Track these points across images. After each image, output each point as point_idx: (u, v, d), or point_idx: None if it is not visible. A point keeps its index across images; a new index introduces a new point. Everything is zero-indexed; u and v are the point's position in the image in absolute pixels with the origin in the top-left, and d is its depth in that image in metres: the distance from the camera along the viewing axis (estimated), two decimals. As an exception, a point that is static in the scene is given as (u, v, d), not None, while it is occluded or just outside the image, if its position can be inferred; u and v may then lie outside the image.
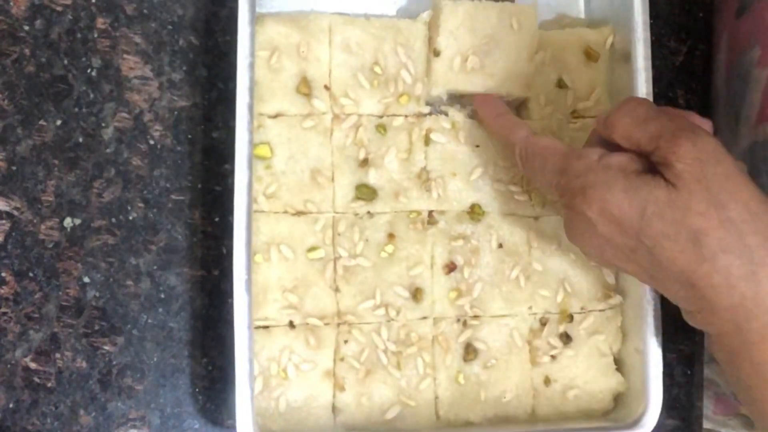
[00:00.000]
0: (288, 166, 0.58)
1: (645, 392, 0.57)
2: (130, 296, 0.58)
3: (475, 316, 0.59)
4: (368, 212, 0.58)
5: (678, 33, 0.67)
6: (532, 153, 0.53)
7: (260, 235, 0.57)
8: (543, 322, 0.60)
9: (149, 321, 0.58)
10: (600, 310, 0.61)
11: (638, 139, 0.47)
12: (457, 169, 0.60)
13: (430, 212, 0.59)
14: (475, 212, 0.60)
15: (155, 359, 0.58)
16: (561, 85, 0.61)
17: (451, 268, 0.59)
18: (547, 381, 0.60)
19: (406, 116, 0.59)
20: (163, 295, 0.59)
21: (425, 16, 0.60)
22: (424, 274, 0.59)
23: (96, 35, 0.59)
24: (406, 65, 0.59)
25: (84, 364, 0.57)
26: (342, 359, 0.57)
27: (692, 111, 0.61)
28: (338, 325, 0.57)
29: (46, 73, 0.58)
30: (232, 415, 0.59)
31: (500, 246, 0.60)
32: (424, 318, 0.59)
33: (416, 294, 0.58)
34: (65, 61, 0.58)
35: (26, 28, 0.58)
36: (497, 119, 0.57)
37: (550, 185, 0.51)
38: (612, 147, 0.49)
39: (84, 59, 0.59)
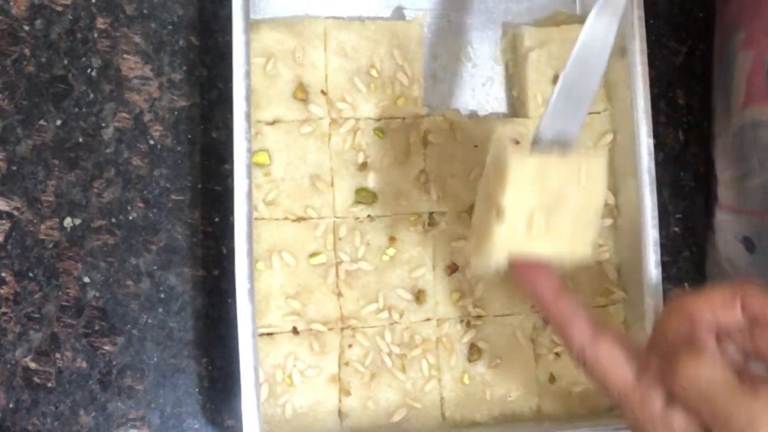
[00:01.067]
0: (287, 173, 0.58)
1: None
2: (130, 296, 0.58)
3: (478, 317, 0.59)
4: (369, 216, 0.58)
5: (678, 33, 0.67)
6: (590, 371, 0.46)
7: (261, 243, 0.57)
8: (546, 320, 0.60)
9: (149, 321, 0.58)
10: (602, 306, 0.61)
11: (699, 412, 0.41)
12: (456, 169, 0.60)
13: (431, 214, 0.59)
14: (475, 210, 0.60)
15: (155, 359, 0.58)
16: (557, 81, 0.61)
17: (453, 269, 0.59)
18: (551, 378, 0.60)
19: (403, 118, 0.59)
20: (163, 295, 0.59)
21: (420, 17, 0.60)
22: (426, 276, 0.59)
23: (96, 35, 0.59)
24: (403, 67, 0.59)
25: (84, 364, 0.57)
26: (347, 364, 0.57)
27: (692, 112, 0.62)
28: (342, 329, 0.57)
29: (46, 73, 0.58)
30: (232, 415, 0.59)
31: None
32: (428, 320, 0.59)
33: (419, 296, 0.58)
34: (65, 61, 0.58)
35: (26, 28, 0.58)
36: (556, 302, 0.48)
37: (611, 399, 0.45)
38: None
39: (84, 59, 0.59)
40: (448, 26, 0.64)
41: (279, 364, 0.56)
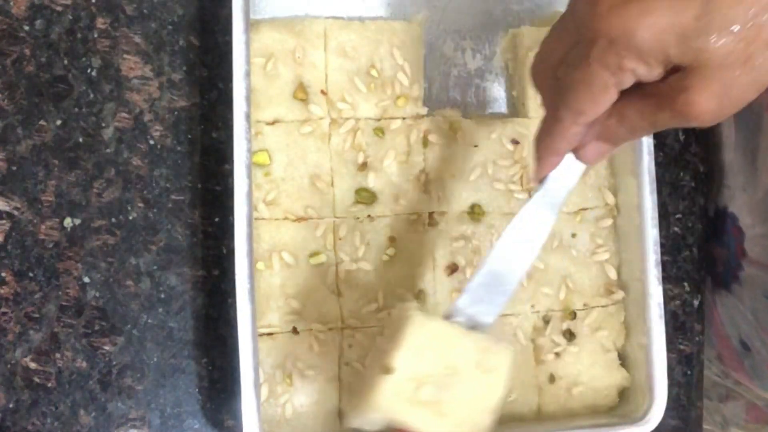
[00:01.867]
0: (287, 173, 0.58)
1: (650, 387, 0.58)
2: (130, 296, 0.58)
3: None
4: (368, 216, 0.59)
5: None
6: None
7: (261, 243, 0.57)
8: (546, 320, 0.60)
9: (149, 321, 0.58)
10: (602, 306, 0.61)
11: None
12: (456, 169, 0.60)
13: (431, 214, 0.59)
14: (475, 212, 0.60)
15: (155, 359, 0.58)
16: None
17: (453, 269, 0.59)
18: (551, 378, 0.60)
19: (403, 118, 0.59)
20: (163, 295, 0.59)
21: (420, 17, 0.60)
22: (426, 275, 0.59)
23: (96, 35, 0.59)
24: (403, 67, 0.59)
25: (84, 364, 0.57)
26: (347, 364, 0.57)
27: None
28: (342, 329, 0.57)
29: (46, 73, 0.58)
30: (232, 415, 0.59)
31: None
32: None
33: (419, 296, 0.58)
34: (65, 61, 0.58)
35: (26, 28, 0.58)
36: None
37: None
38: None
39: (84, 59, 0.59)
40: (448, 26, 0.64)
41: (279, 364, 0.56)
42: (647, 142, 0.58)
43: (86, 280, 0.58)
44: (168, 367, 0.58)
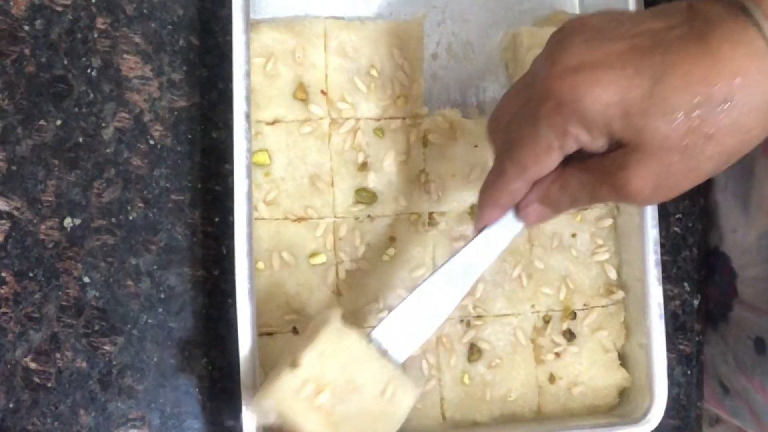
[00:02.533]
0: (287, 173, 0.58)
1: (650, 387, 0.58)
2: (130, 296, 0.58)
3: (479, 316, 0.59)
4: (369, 216, 0.59)
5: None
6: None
7: (261, 243, 0.57)
8: (546, 320, 0.60)
9: (149, 321, 0.58)
10: (603, 306, 0.61)
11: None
12: (456, 169, 0.60)
13: (431, 214, 0.59)
14: (475, 212, 0.60)
15: (155, 359, 0.58)
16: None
17: None
18: (551, 379, 0.60)
19: (403, 118, 0.59)
20: (163, 295, 0.59)
21: (420, 17, 0.60)
22: (426, 275, 0.59)
23: (96, 35, 0.59)
24: (403, 67, 0.59)
25: (84, 364, 0.57)
26: None
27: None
28: None
29: (46, 73, 0.58)
30: (232, 415, 0.59)
31: None
32: None
33: None
34: (65, 61, 0.58)
35: (26, 28, 0.58)
36: None
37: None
38: None
39: (84, 59, 0.59)
40: (448, 26, 0.64)
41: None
42: None
43: (86, 280, 0.58)
44: (168, 367, 0.58)
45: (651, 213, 0.58)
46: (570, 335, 0.61)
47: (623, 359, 0.62)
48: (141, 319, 0.58)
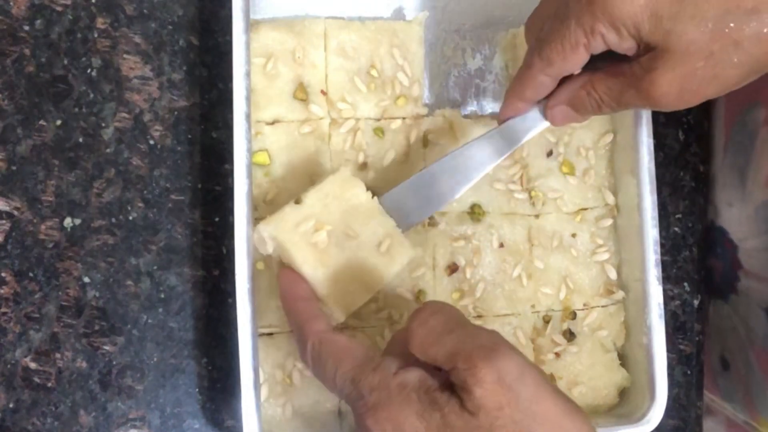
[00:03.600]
0: (287, 172, 0.58)
1: (650, 387, 0.58)
2: (130, 296, 0.58)
3: (479, 316, 0.59)
4: None
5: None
6: (327, 352, 0.46)
7: None
8: (546, 320, 0.60)
9: (149, 321, 0.58)
10: (602, 306, 0.61)
11: (434, 355, 0.43)
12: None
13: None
14: (475, 212, 0.60)
15: (155, 359, 0.58)
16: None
17: (453, 269, 0.59)
18: (552, 379, 0.60)
19: (403, 118, 0.59)
20: (163, 295, 0.59)
21: (420, 17, 0.60)
22: (427, 275, 0.59)
23: (96, 35, 0.59)
24: (403, 67, 0.59)
25: (84, 364, 0.57)
26: None
27: (692, 112, 0.61)
28: (342, 329, 0.57)
29: (46, 73, 0.58)
30: (232, 415, 0.59)
31: (501, 245, 0.60)
32: None
33: (419, 296, 0.58)
34: (65, 61, 0.58)
35: (26, 28, 0.58)
36: (297, 303, 0.50)
37: (341, 393, 0.45)
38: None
39: (84, 59, 0.59)
40: (448, 26, 0.64)
41: (279, 364, 0.56)
42: (647, 142, 0.58)
43: (86, 280, 0.58)
44: (168, 367, 0.58)
45: (651, 213, 0.58)
46: (570, 335, 0.61)
47: (623, 359, 0.61)
48: (141, 319, 0.58)
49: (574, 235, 0.61)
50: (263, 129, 0.57)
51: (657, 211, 0.58)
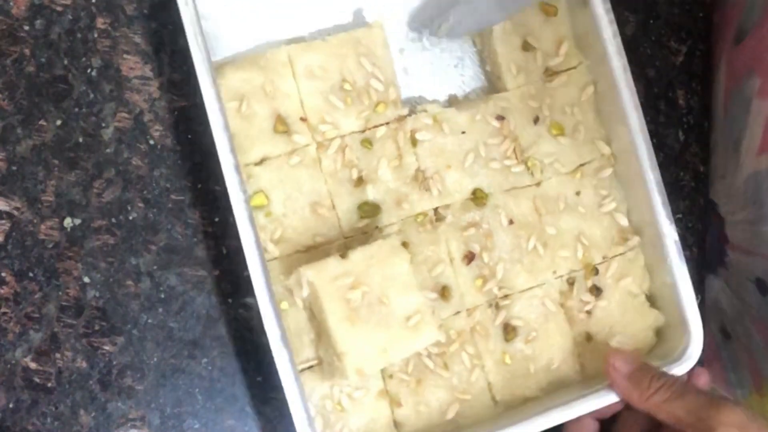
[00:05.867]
0: (287, 208, 0.57)
1: (683, 322, 0.58)
2: (130, 296, 0.58)
3: (505, 296, 0.59)
4: (377, 227, 0.58)
5: (678, 33, 0.67)
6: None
7: (279, 283, 0.56)
8: (570, 282, 0.61)
9: (149, 321, 0.58)
10: (621, 255, 0.61)
11: (677, 413, 0.52)
12: (450, 160, 0.60)
13: (436, 210, 0.59)
14: (478, 197, 0.60)
15: (155, 359, 0.58)
16: (527, 47, 0.61)
17: (470, 257, 0.59)
18: (588, 337, 0.61)
19: (387, 123, 0.59)
20: (163, 295, 0.59)
21: (380, 20, 0.60)
22: (446, 271, 0.59)
23: (96, 35, 0.59)
24: (374, 74, 0.59)
25: (84, 364, 0.57)
26: (390, 376, 0.57)
27: (692, 112, 0.61)
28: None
29: (46, 73, 0.58)
30: (232, 415, 0.59)
31: (511, 222, 0.60)
32: (457, 313, 0.59)
33: (444, 292, 0.58)
34: (65, 61, 0.58)
35: (26, 28, 0.58)
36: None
37: None
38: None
39: (84, 59, 0.59)
40: (407, 17, 0.62)
41: (326, 395, 0.56)
42: (626, 80, 0.58)
43: (86, 280, 0.58)
44: (168, 367, 0.58)
45: (647, 155, 0.58)
46: (597, 291, 0.61)
47: (652, 300, 0.62)
48: (141, 319, 0.58)
49: (578, 193, 0.61)
50: (253, 171, 0.57)
51: (653, 153, 0.58)
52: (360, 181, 0.58)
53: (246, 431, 0.59)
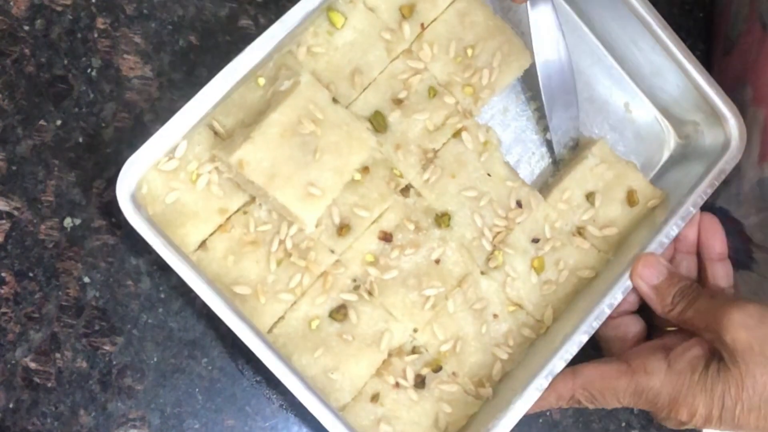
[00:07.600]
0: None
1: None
2: (130, 296, 0.58)
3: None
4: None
5: (678, 33, 0.67)
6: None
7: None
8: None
9: (149, 321, 0.58)
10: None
11: (694, 321, 0.55)
12: (459, 176, 0.59)
13: (408, 185, 0.59)
14: (442, 219, 0.59)
15: (155, 359, 0.58)
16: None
17: (387, 239, 0.59)
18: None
19: (457, 103, 0.59)
20: (163, 295, 0.59)
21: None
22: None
23: (96, 35, 0.59)
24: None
25: (84, 364, 0.57)
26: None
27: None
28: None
29: (46, 73, 0.58)
30: (232, 415, 0.59)
31: (437, 262, 0.59)
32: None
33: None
34: (65, 61, 0.58)
35: (26, 28, 0.58)
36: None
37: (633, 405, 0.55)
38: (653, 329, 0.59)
39: (84, 59, 0.59)
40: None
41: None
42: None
43: (86, 280, 0.58)
44: (168, 367, 0.58)
45: None
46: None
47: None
48: (141, 319, 0.58)
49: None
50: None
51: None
52: (398, 103, 0.59)
53: (246, 431, 0.59)
